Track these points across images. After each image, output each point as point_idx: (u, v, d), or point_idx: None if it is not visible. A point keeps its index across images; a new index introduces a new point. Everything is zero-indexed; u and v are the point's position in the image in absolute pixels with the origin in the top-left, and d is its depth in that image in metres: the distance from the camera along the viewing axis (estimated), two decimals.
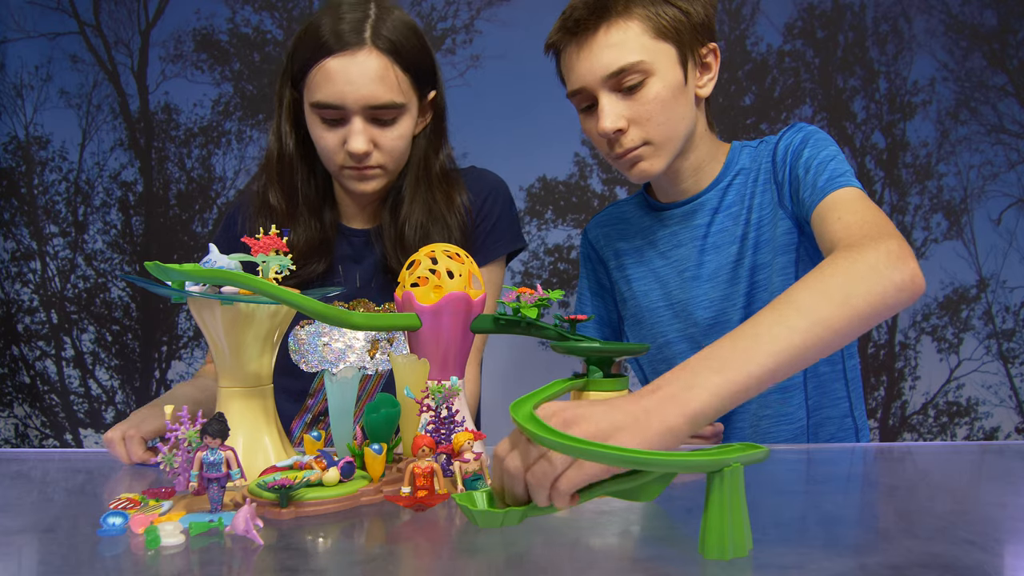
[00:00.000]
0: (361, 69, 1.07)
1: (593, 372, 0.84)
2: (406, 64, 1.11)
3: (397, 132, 1.13)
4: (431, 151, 1.21)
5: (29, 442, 2.57)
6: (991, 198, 2.47)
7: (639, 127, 1.08)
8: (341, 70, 1.07)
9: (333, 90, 1.08)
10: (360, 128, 1.10)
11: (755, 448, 0.62)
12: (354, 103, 1.08)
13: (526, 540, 0.65)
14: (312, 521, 0.71)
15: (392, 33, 1.10)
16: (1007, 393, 2.49)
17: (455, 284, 0.87)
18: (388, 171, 1.17)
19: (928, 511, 0.79)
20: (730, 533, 0.59)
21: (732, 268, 1.17)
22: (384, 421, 0.80)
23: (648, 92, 1.07)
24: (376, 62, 1.08)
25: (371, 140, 1.12)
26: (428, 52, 1.16)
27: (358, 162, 1.13)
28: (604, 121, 1.07)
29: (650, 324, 1.24)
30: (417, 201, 1.18)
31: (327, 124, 1.12)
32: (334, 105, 1.09)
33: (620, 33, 1.05)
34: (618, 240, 1.28)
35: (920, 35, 2.46)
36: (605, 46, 1.05)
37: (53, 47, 2.52)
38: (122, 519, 0.68)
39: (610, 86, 1.07)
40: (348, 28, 1.08)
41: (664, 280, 1.22)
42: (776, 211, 1.14)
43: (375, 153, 1.13)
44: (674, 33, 1.07)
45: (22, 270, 2.56)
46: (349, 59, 1.07)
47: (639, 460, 0.59)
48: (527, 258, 2.54)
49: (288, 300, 0.78)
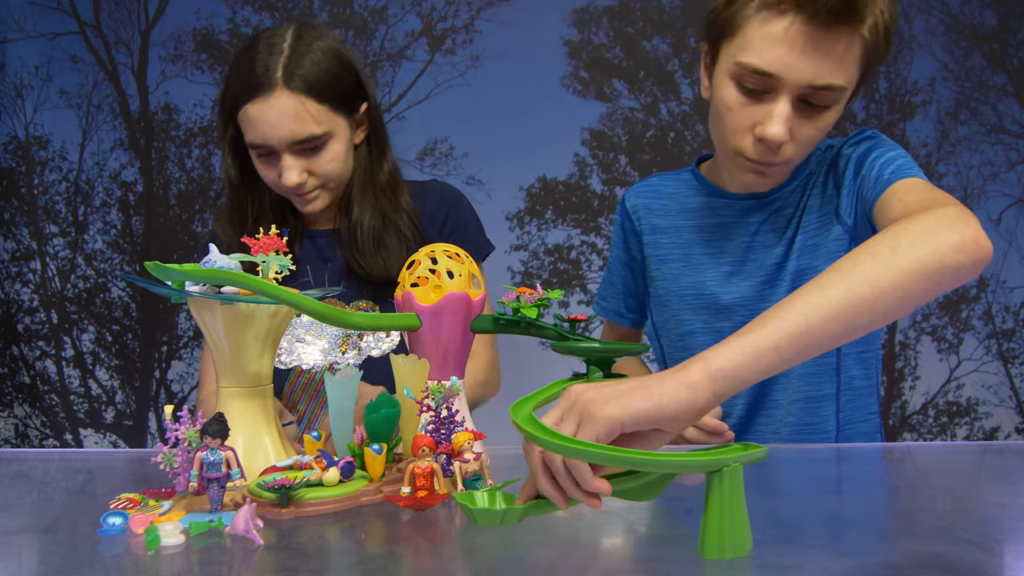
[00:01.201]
0: (276, 111, 1.13)
1: (593, 372, 0.83)
2: (321, 95, 1.16)
3: (328, 156, 1.19)
4: (372, 161, 1.27)
5: (29, 442, 2.57)
6: (991, 198, 2.47)
7: (793, 146, 1.02)
8: (260, 114, 1.14)
9: (257, 132, 1.15)
10: (290, 163, 1.17)
11: (754, 448, 0.62)
12: (278, 142, 1.15)
13: (526, 540, 0.65)
14: (312, 521, 0.71)
15: (303, 69, 1.14)
16: (1007, 393, 2.49)
17: (455, 284, 0.87)
18: (330, 189, 1.23)
19: (928, 511, 0.79)
20: (730, 533, 0.59)
21: (774, 269, 1.14)
22: (384, 421, 0.80)
23: (821, 119, 1.00)
24: (289, 101, 1.13)
25: (303, 170, 1.18)
26: (350, 72, 1.22)
27: (297, 189, 1.19)
28: (775, 126, 0.98)
29: (676, 309, 1.21)
30: (366, 206, 1.25)
31: (263, 160, 1.19)
32: (261, 145, 1.16)
33: (848, 47, 0.94)
34: (658, 216, 1.24)
35: (920, 35, 2.46)
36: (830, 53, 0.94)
37: (53, 47, 2.52)
38: (122, 519, 0.68)
39: (800, 97, 0.98)
40: (260, 71, 1.13)
41: (699, 268, 1.19)
42: (829, 217, 1.11)
43: (310, 179, 1.20)
44: (866, 69, 0.99)
45: (22, 270, 2.56)
46: (264, 103, 1.13)
47: (639, 460, 0.59)
48: (527, 258, 2.54)
49: (288, 300, 0.78)
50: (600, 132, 2.50)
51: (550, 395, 0.75)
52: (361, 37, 2.51)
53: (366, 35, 2.51)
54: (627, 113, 2.49)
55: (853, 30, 0.94)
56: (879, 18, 0.95)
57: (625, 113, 2.50)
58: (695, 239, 1.20)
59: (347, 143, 1.22)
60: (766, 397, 1.17)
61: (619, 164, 2.52)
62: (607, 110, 2.50)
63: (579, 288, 2.54)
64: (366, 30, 2.50)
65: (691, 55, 2.47)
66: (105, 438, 2.57)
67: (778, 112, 0.98)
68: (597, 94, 2.50)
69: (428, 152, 2.51)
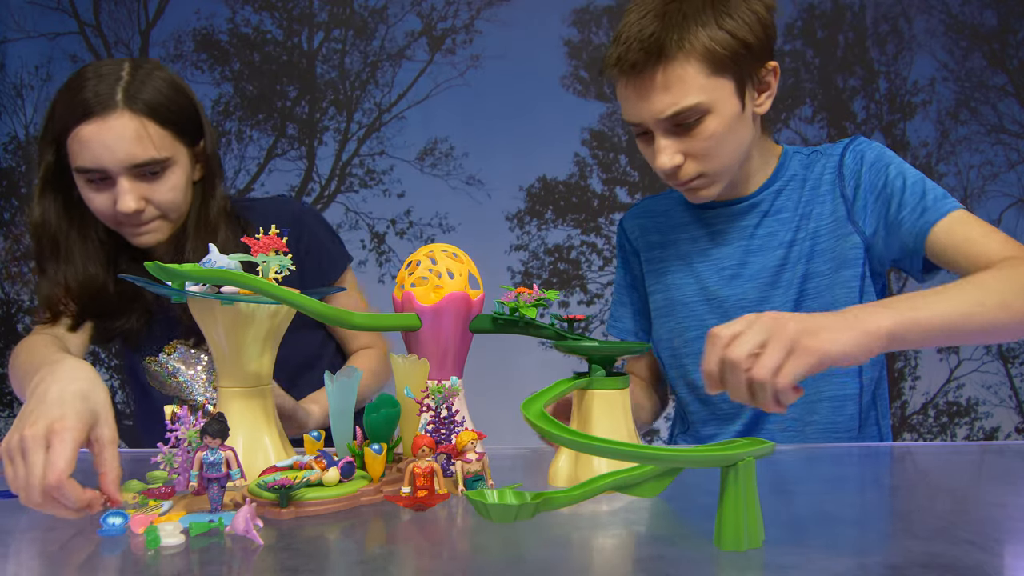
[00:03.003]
0: (116, 133, 1.07)
1: (595, 371, 0.84)
2: (164, 120, 1.11)
3: (168, 184, 1.12)
4: (207, 196, 1.19)
5: None
6: (991, 198, 2.47)
7: (695, 161, 1.08)
8: (96, 135, 1.07)
9: (91, 155, 1.07)
10: (127, 188, 1.09)
11: (762, 443, 0.63)
12: (114, 165, 1.08)
13: (526, 540, 0.65)
14: (312, 521, 0.71)
15: (146, 93, 1.09)
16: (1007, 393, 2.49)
17: (455, 284, 0.87)
18: (169, 220, 1.15)
19: (928, 511, 0.79)
20: (745, 525, 0.60)
21: (775, 272, 1.16)
22: (384, 421, 0.80)
23: (705, 129, 1.05)
24: (130, 122, 1.07)
25: (141, 197, 1.10)
26: (191, 105, 1.16)
27: (134, 218, 1.12)
28: (660, 159, 1.07)
29: (681, 317, 1.23)
30: (201, 229, 1.18)
31: (94, 186, 1.10)
32: (94, 169, 1.08)
33: (677, 75, 1.02)
34: (652, 233, 1.27)
35: (920, 35, 2.46)
36: (662, 89, 1.03)
37: (53, 47, 2.52)
38: (122, 519, 0.68)
39: (666, 126, 1.05)
40: (100, 92, 1.08)
41: (701, 276, 1.21)
42: (842, 224, 1.14)
43: (148, 208, 1.12)
44: (732, 66, 1.03)
45: (22, 270, 2.56)
46: (102, 123, 1.07)
47: (651, 455, 0.59)
48: (527, 258, 2.54)
49: (288, 300, 0.78)
50: (600, 132, 2.50)
51: (558, 392, 0.76)
52: (361, 37, 2.51)
53: (366, 35, 2.51)
54: None
55: (665, 64, 1.02)
56: (702, 39, 1.02)
57: None
58: (692, 248, 1.23)
59: (187, 174, 1.16)
60: None
61: (619, 164, 2.52)
62: (607, 110, 2.50)
63: (579, 288, 2.54)
64: (366, 30, 2.50)
65: None
66: None
67: (656, 148, 1.07)
68: (597, 94, 2.50)
69: (428, 152, 2.51)
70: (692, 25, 1.02)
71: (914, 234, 1.07)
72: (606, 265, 2.54)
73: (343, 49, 2.51)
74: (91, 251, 1.18)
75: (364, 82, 2.51)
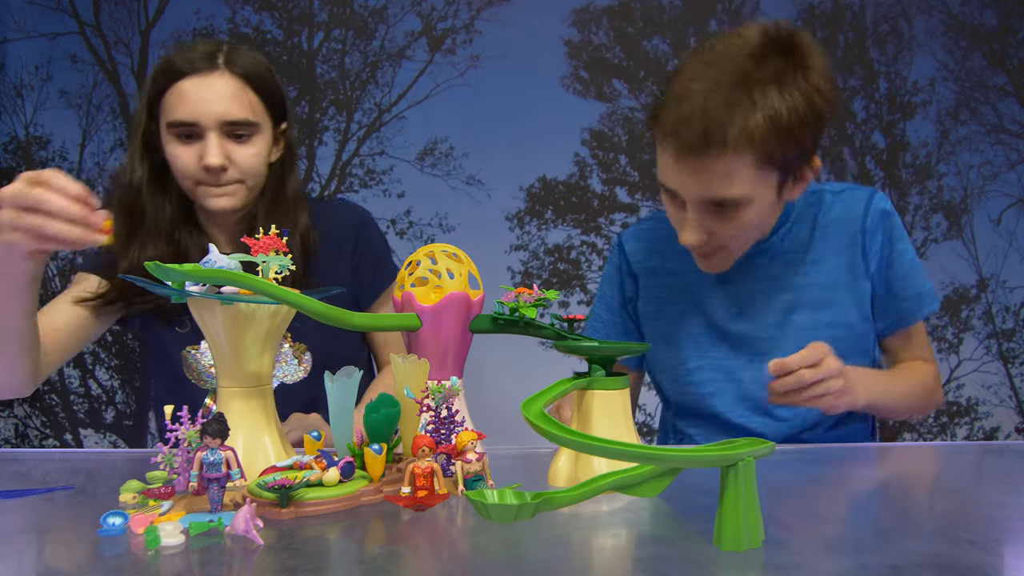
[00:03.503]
0: (215, 88, 1.14)
1: (595, 371, 0.84)
2: (258, 88, 1.18)
3: (252, 150, 1.18)
4: (285, 177, 1.26)
5: (29, 442, 2.57)
6: (991, 198, 2.47)
7: (720, 239, 1.08)
8: (195, 90, 1.14)
9: (188, 108, 1.14)
10: (215, 143, 1.15)
11: (762, 443, 0.63)
12: (209, 119, 1.14)
13: (526, 540, 0.65)
14: (312, 521, 0.71)
15: (244, 61, 1.18)
16: (1007, 393, 2.49)
17: (455, 284, 0.87)
18: (246, 187, 1.20)
19: (928, 511, 0.79)
20: (745, 525, 0.60)
21: (783, 313, 1.17)
22: (384, 421, 0.80)
23: (739, 216, 1.04)
24: (230, 82, 1.15)
25: (226, 155, 1.16)
26: (280, 87, 1.24)
27: (214, 177, 1.16)
28: (687, 235, 1.07)
29: (684, 347, 1.23)
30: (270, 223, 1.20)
31: (182, 141, 1.16)
32: (189, 123, 1.14)
33: (731, 166, 0.99)
34: (655, 258, 1.26)
35: (920, 35, 2.46)
36: (711, 174, 1.00)
37: (53, 47, 2.52)
38: (122, 519, 0.68)
39: (703, 207, 1.04)
40: (201, 55, 1.15)
41: (706, 310, 1.21)
42: (859, 277, 1.17)
43: (231, 168, 1.17)
44: (782, 162, 1.02)
45: None
46: (203, 80, 1.14)
47: (651, 455, 0.59)
48: (527, 258, 2.54)
49: (288, 300, 0.78)
50: (600, 132, 2.50)
51: (558, 392, 0.76)
52: (361, 37, 2.51)
53: (366, 35, 2.51)
54: (627, 113, 2.50)
55: (723, 153, 0.98)
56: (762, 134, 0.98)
57: (625, 113, 2.50)
58: (696, 280, 1.22)
59: (268, 147, 1.21)
60: None
61: (619, 164, 2.52)
62: (607, 110, 2.50)
63: (579, 288, 2.54)
64: (366, 30, 2.50)
65: None
66: (105, 438, 2.57)
67: (687, 221, 1.06)
68: (597, 94, 2.50)
69: (428, 152, 2.51)
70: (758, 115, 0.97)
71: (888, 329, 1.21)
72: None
73: (343, 49, 2.51)
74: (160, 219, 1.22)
75: (364, 82, 2.51)
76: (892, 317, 1.20)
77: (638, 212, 2.52)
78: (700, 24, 2.48)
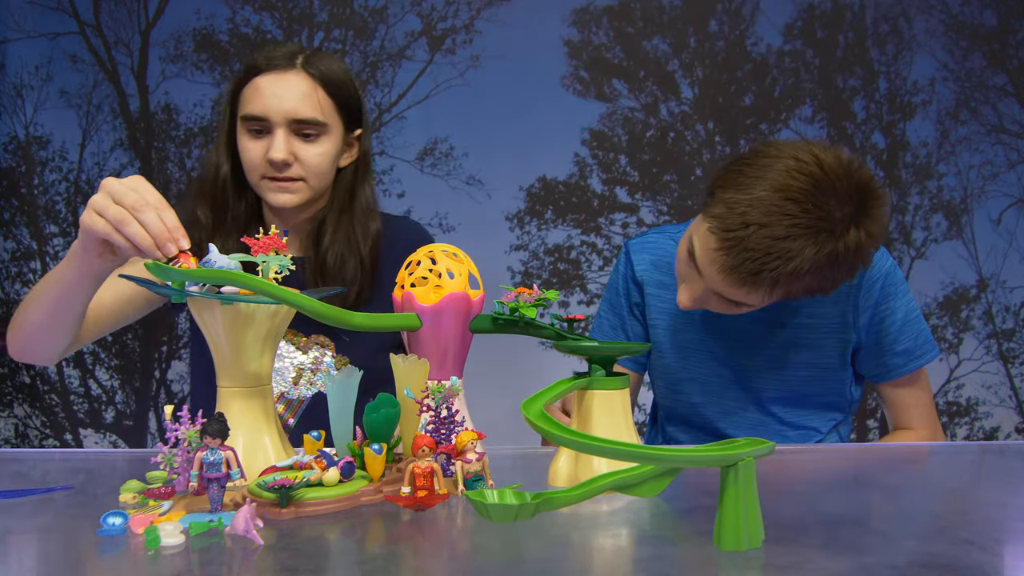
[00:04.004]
0: (287, 86, 1.18)
1: (595, 371, 0.84)
2: (331, 91, 1.21)
3: (319, 149, 1.21)
4: (356, 184, 1.28)
5: (29, 442, 2.57)
6: (991, 198, 2.47)
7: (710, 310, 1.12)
8: (269, 85, 1.18)
9: (260, 103, 1.18)
10: (282, 139, 1.18)
11: (762, 443, 0.63)
12: (277, 115, 1.17)
13: (526, 540, 0.65)
14: (312, 521, 0.71)
15: (321, 64, 1.21)
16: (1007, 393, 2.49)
17: (455, 284, 0.87)
18: (309, 186, 1.22)
19: (928, 511, 0.79)
20: (745, 525, 0.60)
21: (781, 348, 1.22)
22: (384, 421, 0.80)
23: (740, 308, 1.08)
24: (303, 82, 1.19)
25: (292, 152, 1.19)
26: (357, 94, 1.26)
27: (278, 171, 1.19)
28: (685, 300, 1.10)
29: (669, 360, 1.28)
30: (340, 232, 1.25)
31: (253, 135, 1.20)
32: (260, 117, 1.18)
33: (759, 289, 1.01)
34: (664, 273, 1.28)
35: (920, 35, 2.46)
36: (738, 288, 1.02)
37: (53, 47, 2.52)
38: (122, 519, 0.67)
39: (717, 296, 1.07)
40: (282, 54, 1.20)
41: (701, 326, 1.25)
42: (848, 329, 1.20)
43: (295, 165, 1.20)
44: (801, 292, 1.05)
45: (22, 270, 2.56)
46: (277, 77, 1.18)
47: (651, 455, 0.59)
48: (527, 258, 2.54)
49: (288, 300, 0.78)
50: (600, 132, 2.50)
51: (558, 393, 0.76)
52: (361, 37, 2.51)
53: (366, 35, 2.51)
54: (627, 113, 2.50)
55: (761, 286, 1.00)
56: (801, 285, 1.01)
57: (625, 113, 2.50)
58: None
59: (337, 149, 1.23)
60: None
61: (619, 164, 2.52)
62: (607, 110, 2.50)
63: (579, 288, 2.54)
64: (366, 30, 2.50)
65: (691, 55, 2.47)
66: (105, 438, 2.57)
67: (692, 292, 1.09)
68: (597, 94, 2.50)
69: (428, 152, 2.51)
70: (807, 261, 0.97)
71: (877, 376, 1.24)
72: (606, 265, 2.54)
73: (343, 49, 2.51)
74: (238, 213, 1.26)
75: (364, 82, 2.51)
76: (879, 369, 1.23)
77: (638, 212, 2.52)
78: (700, 24, 2.48)
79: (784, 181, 0.97)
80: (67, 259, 0.99)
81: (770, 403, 1.24)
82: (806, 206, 0.96)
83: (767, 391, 1.23)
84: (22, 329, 1.13)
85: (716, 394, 1.25)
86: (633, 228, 2.52)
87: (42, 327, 1.10)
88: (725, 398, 1.25)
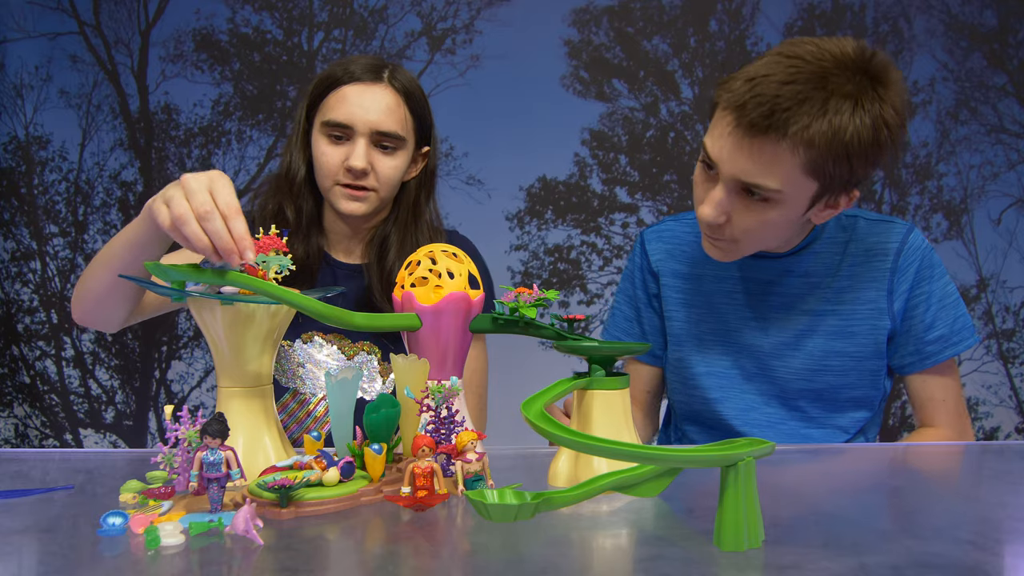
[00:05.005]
0: (375, 98, 1.22)
1: (595, 371, 0.84)
2: (412, 107, 1.26)
3: (394, 163, 1.24)
4: (421, 196, 1.32)
5: (29, 442, 2.57)
6: (991, 198, 2.47)
7: (735, 228, 1.06)
8: (356, 95, 1.21)
9: (346, 111, 1.21)
10: (363, 148, 1.21)
11: (762, 443, 0.63)
12: (363, 125, 1.21)
13: (526, 540, 0.65)
14: (312, 521, 0.71)
15: (405, 80, 1.26)
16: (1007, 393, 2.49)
17: (455, 284, 0.87)
18: (378, 196, 1.25)
19: (928, 511, 0.79)
20: (745, 525, 0.60)
21: (798, 335, 1.18)
22: (384, 421, 0.80)
23: (764, 210, 1.03)
24: (390, 96, 1.23)
25: (370, 162, 1.22)
26: (429, 112, 1.30)
27: (355, 179, 1.22)
28: (705, 209, 1.05)
29: (687, 351, 1.24)
30: (406, 246, 1.27)
31: (332, 140, 1.23)
32: (344, 124, 1.21)
33: (779, 155, 0.97)
34: (679, 261, 1.26)
35: (920, 35, 2.46)
36: (757, 157, 0.98)
37: (53, 47, 2.52)
38: (122, 519, 0.68)
39: (734, 184, 1.02)
40: (368, 67, 1.24)
41: (722, 316, 1.22)
42: (882, 315, 1.17)
43: (371, 175, 1.23)
44: (827, 179, 1.00)
45: (22, 270, 2.56)
46: (366, 88, 1.22)
47: (651, 455, 0.59)
48: (527, 258, 2.54)
49: (288, 300, 0.78)
50: (600, 132, 2.50)
51: (558, 393, 0.76)
52: (361, 37, 2.51)
53: (366, 35, 2.51)
54: (627, 113, 2.50)
55: (777, 142, 0.97)
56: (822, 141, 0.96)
57: (625, 113, 2.50)
58: (715, 288, 1.23)
59: (407, 164, 1.27)
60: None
61: (619, 164, 2.52)
62: (607, 110, 2.50)
63: (579, 288, 2.54)
64: (366, 30, 2.50)
65: (691, 55, 2.47)
66: (105, 438, 2.57)
67: (712, 195, 1.04)
68: (597, 94, 2.50)
69: None
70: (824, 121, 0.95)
71: (916, 362, 1.19)
72: (606, 265, 2.54)
73: (343, 49, 2.51)
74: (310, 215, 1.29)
75: None
76: (912, 356, 1.19)
77: (638, 212, 2.52)
78: (700, 24, 2.48)
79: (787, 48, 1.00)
80: (138, 220, 0.99)
81: (796, 397, 1.19)
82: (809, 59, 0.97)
83: (793, 383, 1.19)
84: (90, 292, 1.11)
85: (736, 388, 1.21)
86: (633, 228, 2.52)
87: (109, 288, 1.08)
88: (746, 392, 1.21)
